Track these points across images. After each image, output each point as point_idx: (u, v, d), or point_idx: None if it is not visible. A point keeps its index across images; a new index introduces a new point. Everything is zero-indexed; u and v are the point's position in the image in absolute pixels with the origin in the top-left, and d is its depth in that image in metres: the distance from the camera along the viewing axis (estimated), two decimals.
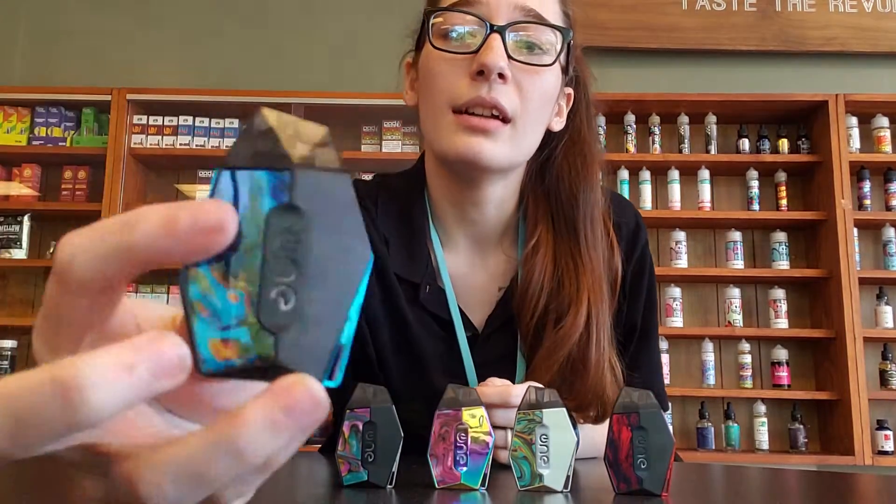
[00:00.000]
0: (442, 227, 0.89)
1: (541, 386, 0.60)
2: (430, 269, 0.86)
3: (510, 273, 0.88)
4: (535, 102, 0.79)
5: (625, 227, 0.91)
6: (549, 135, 0.86)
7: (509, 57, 0.77)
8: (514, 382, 0.75)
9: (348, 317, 0.22)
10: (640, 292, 0.92)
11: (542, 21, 0.79)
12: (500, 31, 0.76)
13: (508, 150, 0.79)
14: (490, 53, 0.75)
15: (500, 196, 0.86)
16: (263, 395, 0.21)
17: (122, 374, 0.20)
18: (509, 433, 0.68)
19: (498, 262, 0.89)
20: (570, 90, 0.89)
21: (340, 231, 0.21)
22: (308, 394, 0.21)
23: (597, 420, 0.82)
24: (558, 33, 0.80)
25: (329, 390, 0.22)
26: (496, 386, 0.70)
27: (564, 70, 0.84)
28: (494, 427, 0.69)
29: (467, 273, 0.89)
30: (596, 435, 0.82)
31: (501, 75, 0.76)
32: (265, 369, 0.22)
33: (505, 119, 0.78)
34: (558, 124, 0.87)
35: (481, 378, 0.75)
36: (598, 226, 0.86)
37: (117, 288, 0.23)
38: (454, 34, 0.79)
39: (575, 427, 0.77)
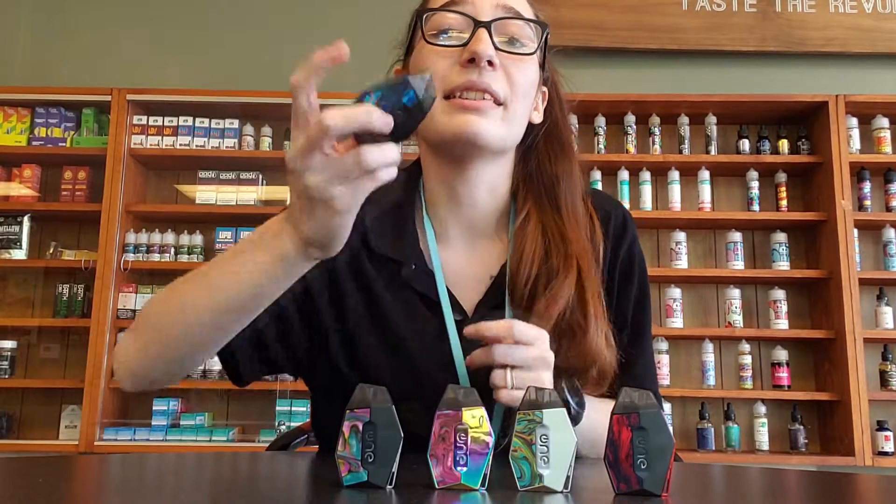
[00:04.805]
0: (437, 217, 0.92)
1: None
2: (418, 250, 0.89)
3: (501, 260, 0.90)
4: (522, 88, 0.86)
5: (614, 218, 0.94)
6: (529, 126, 0.92)
7: (496, 48, 0.84)
8: None
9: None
10: (630, 285, 0.93)
11: (522, 17, 0.87)
12: (487, 26, 0.84)
13: (501, 129, 0.85)
14: (480, 43, 0.82)
15: (491, 179, 0.90)
16: None
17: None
18: (508, 372, 0.72)
19: (490, 252, 0.91)
20: (544, 89, 0.95)
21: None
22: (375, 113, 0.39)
23: (599, 386, 0.84)
24: (537, 27, 0.88)
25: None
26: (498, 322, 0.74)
27: (541, 66, 0.91)
28: (494, 364, 0.73)
29: (461, 266, 0.90)
30: (597, 426, 0.82)
31: (490, 62, 0.83)
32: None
33: (497, 101, 0.84)
34: (537, 117, 0.94)
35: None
36: (579, 203, 0.91)
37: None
38: (445, 31, 0.86)
39: (577, 419, 0.77)
